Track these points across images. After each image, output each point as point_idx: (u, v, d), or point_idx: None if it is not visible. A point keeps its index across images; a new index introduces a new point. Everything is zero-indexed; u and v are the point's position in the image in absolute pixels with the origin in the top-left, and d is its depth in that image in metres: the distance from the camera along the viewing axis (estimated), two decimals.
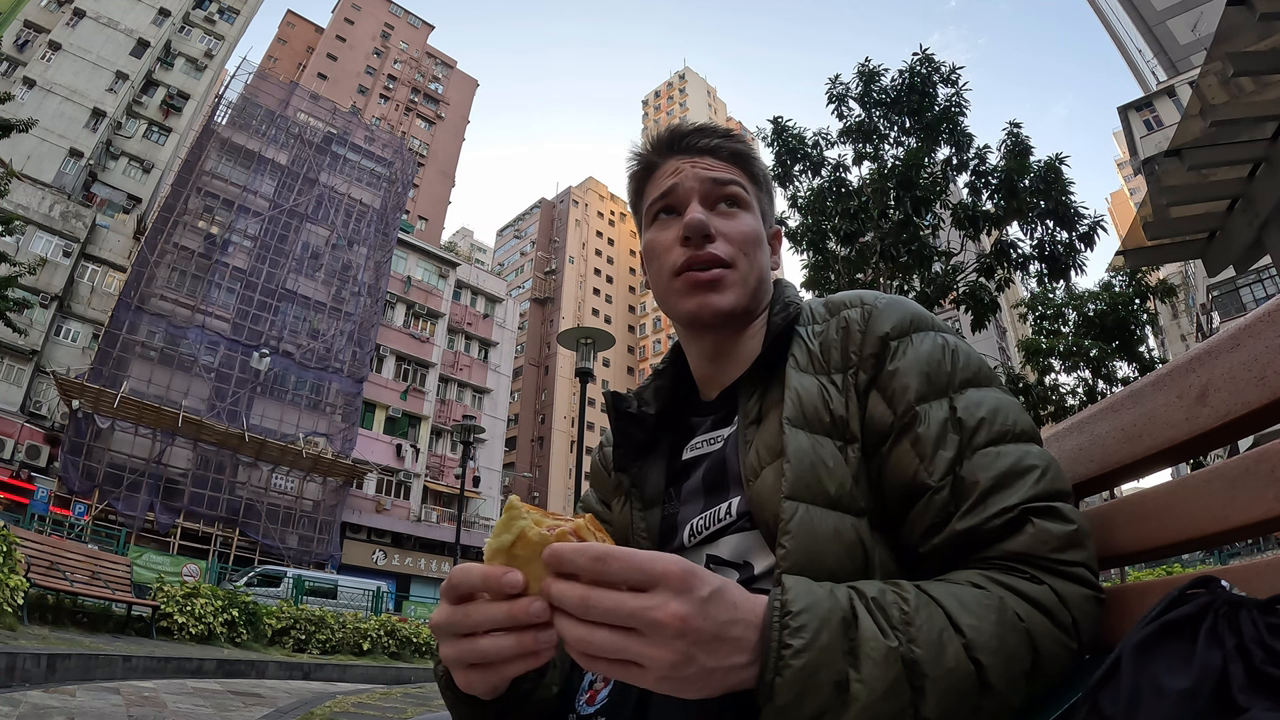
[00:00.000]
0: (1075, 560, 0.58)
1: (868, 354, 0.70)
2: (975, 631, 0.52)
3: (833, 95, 11.22)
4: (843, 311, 0.75)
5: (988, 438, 0.63)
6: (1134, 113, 30.18)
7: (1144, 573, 9.89)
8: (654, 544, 0.79)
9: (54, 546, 7.95)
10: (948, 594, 0.55)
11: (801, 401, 0.70)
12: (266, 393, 26.74)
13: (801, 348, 0.74)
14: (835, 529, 0.64)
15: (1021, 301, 16.64)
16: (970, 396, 0.66)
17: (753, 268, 0.80)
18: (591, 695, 0.63)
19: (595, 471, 0.95)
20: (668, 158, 0.84)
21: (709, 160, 0.82)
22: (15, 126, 13.31)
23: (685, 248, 0.78)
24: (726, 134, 0.84)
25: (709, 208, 0.80)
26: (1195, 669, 0.40)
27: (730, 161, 0.83)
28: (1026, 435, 0.65)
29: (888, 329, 0.70)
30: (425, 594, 26.51)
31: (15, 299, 13.75)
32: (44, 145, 27.16)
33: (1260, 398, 0.57)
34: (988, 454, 0.63)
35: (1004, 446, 0.63)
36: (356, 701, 5.98)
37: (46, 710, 3.65)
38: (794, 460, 0.66)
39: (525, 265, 67.09)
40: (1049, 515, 0.59)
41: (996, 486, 0.61)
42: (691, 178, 0.81)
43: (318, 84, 43.81)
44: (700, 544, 0.75)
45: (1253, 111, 3.78)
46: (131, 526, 21.17)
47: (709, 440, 0.80)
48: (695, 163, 0.82)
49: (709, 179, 0.81)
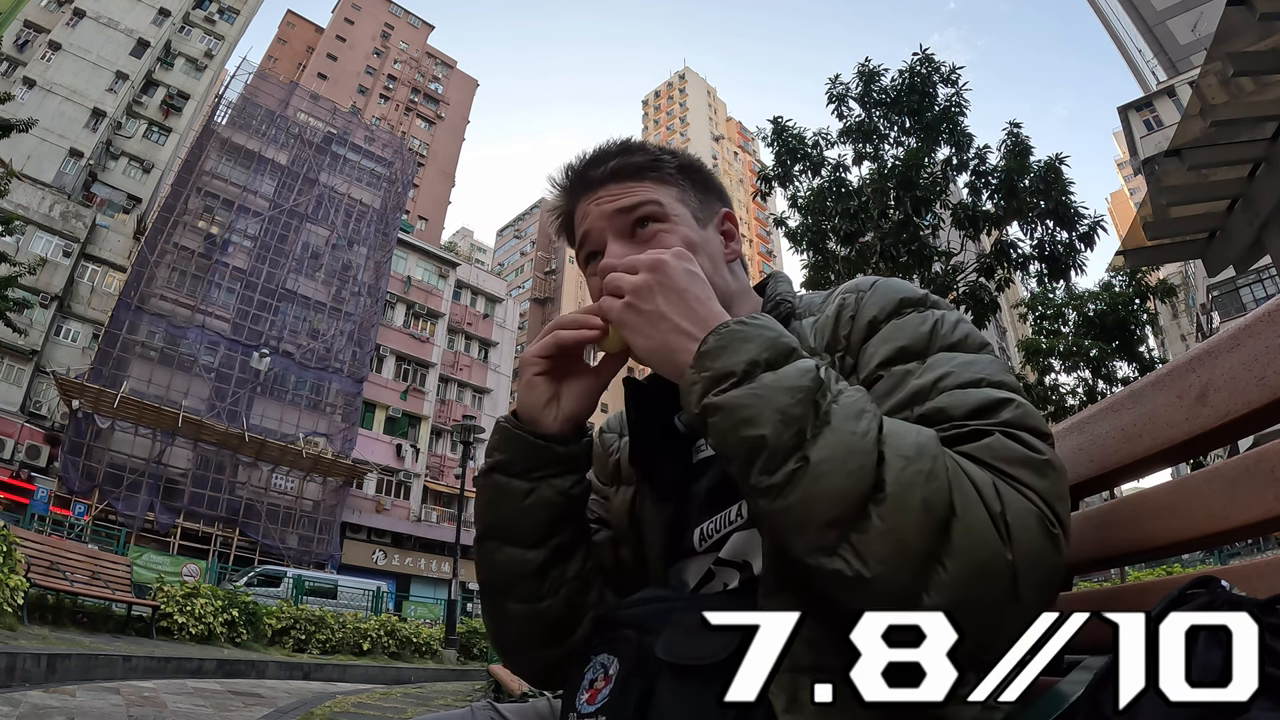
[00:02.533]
0: (1030, 483, 0.54)
1: (856, 339, 0.70)
2: (894, 436, 0.53)
3: (833, 95, 11.22)
4: (839, 298, 0.75)
5: (957, 383, 0.61)
6: (1134, 113, 30.18)
7: (1144, 573, 9.88)
8: (665, 538, 0.80)
9: (54, 546, 7.96)
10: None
11: None
12: (266, 393, 26.72)
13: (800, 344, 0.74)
14: None
15: (1021, 301, 16.64)
16: (942, 356, 0.64)
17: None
18: (592, 694, 0.63)
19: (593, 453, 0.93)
20: (577, 201, 0.82)
21: (613, 188, 0.79)
22: (15, 126, 13.29)
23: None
24: (621, 151, 0.81)
25: (627, 238, 0.78)
26: (1195, 668, 0.40)
27: (635, 178, 0.79)
28: (1003, 385, 0.61)
29: (875, 313, 0.70)
30: (425, 594, 26.51)
31: (15, 299, 13.74)
32: (44, 145, 27.13)
33: (1260, 398, 0.57)
34: (955, 394, 0.60)
35: (975, 390, 0.60)
36: (356, 702, 5.99)
37: (46, 710, 3.65)
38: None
39: (525, 265, 67.06)
40: (1016, 440, 0.56)
41: (967, 416, 0.58)
42: (597, 218, 0.79)
43: (318, 84, 43.78)
44: (709, 550, 0.76)
45: (1253, 111, 3.78)
46: (131, 526, 21.14)
47: None
48: (599, 199, 0.79)
49: (612, 211, 0.78)
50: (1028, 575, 0.51)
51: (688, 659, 0.56)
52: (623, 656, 0.61)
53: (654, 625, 0.61)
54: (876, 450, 0.52)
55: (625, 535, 0.85)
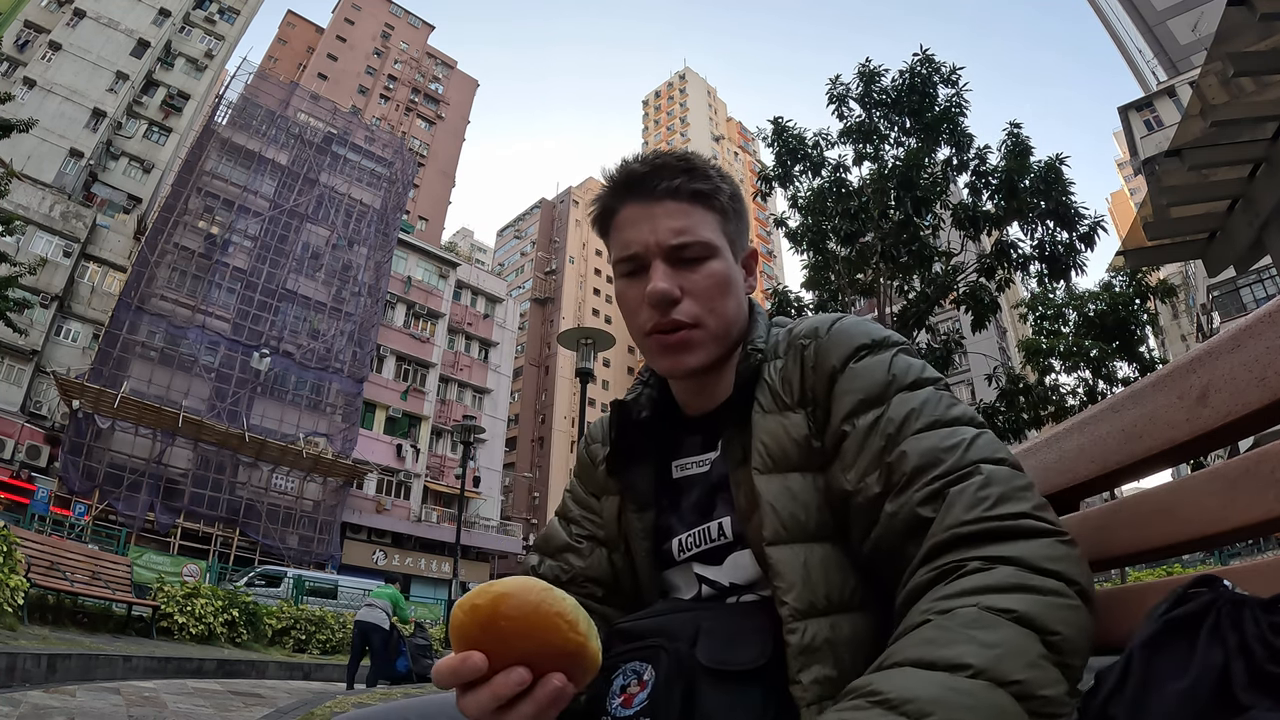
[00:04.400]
0: (1015, 513, 0.56)
1: (820, 393, 0.73)
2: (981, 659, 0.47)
3: (833, 96, 11.23)
4: (799, 344, 0.77)
5: (916, 428, 0.65)
6: (1134, 113, 30.15)
7: (1144, 573, 9.88)
8: (651, 544, 0.84)
9: (54, 547, 7.96)
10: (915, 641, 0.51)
11: (767, 447, 0.73)
12: (266, 393, 26.73)
13: (765, 390, 0.77)
14: (822, 558, 0.68)
15: (1022, 302, 16.64)
16: (899, 398, 0.68)
17: (720, 319, 0.79)
18: (627, 698, 0.66)
19: (582, 465, 0.96)
20: (625, 202, 0.81)
21: (669, 206, 0.78)
22: (15, 126, 13.29)
23: (653, 310, 0.77)
24: (685, 170, 0.80)
25: (673, 265, 0.78)
26: (1196, 667, 0.40)
27: (692, 202, 0.79)
28: (959, 420, 0.65)
29: (834, 363, 0.73)
30: (425, 594, 26.52)
31: (15, 299, 13.73)
32: (44, 145, 27.14)
33: (1261, 398, 0.57)
34: (914, 439, 0.64)
35: (932, 431, 0.64)
36: (356, 701, 5.98)
37: (46, 710, 3.65)
38: (768, 508, 0.70)
39: (525, 265, 67.06)
40: (971, 478, 0.59)
41: (922, 466, 0.62)
42: (652, 240, 0.78)
43: (318, 84, 43.79)
44: (690, 560, 0.80)
45: (1253, 111, 3.78)
46: (132, 526, 21.15)
47: (698, 463, 0.84)
48: (654, 214, 0.78)
49: (669, 246, 0.77)
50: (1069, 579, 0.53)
51: (729, 664, 0.64)
52: (658, 663, 0.66)
53: (681, 634, 0.68)
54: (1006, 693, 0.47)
55: (615, 542, 0.88)
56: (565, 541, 0.91)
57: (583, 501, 0.93)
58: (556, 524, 0.94)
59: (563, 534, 0.92)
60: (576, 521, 0.92)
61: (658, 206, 0.79)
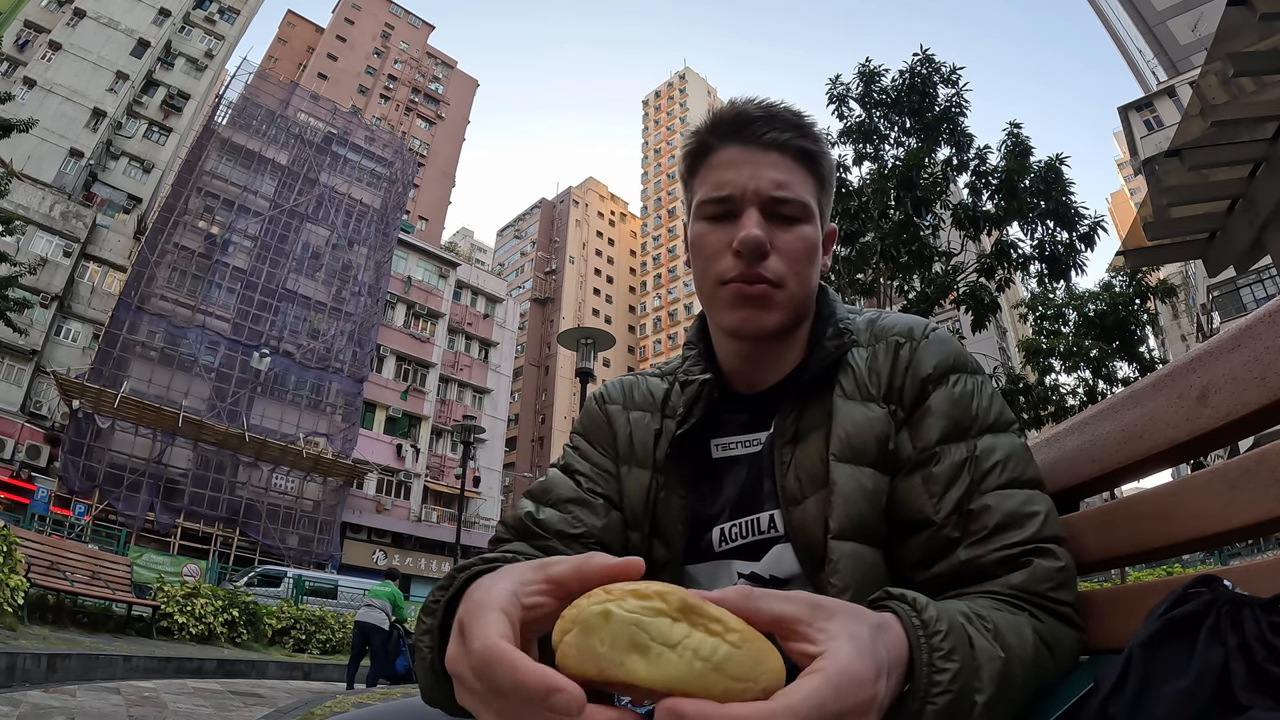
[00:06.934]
0: (1066, 600, 0.62)
1: (910, 396, 0.73)
2: (1019, 649, 0.55)
3: (833, 95, 11.21)
4: (893, 340, 0.76)
5: (998, 482, 0.67)
6: (1134, 113, 30.15)
7: (1144, 573, 9.88)
8: (688, 531, 0.77)
9: (54, 546, 7.96)
10: (991, 610, 0.57)
11: (850, 435, 0.71)
12: (266, 393, 26.73)
13: (849, 374, 0.75)
14: (873, 563, 0.68)
15: (1022, 302, 16.62)
16: (987, 441, 0.69)
17: (803, 285, 0.75)
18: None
19: (595, 424, 0.87)
20: (727, 143, 0.76)
21: (773, 157, 0.74)
22: (15, 126, 13.30)
23: (736, 259, 0.73)
24: (798, 126, 0.75)
25: (769, 216, 0.74)
26: (1196, 667, 0.40)
27: (797, 160, 0.75)
28: (1034, 483, 0.68)
29: (928, 371, 0.73)
30: (425, 594, 26.43)
31: (15, 299, 13.74)
32: (44, 145, 27.15)
33: (1261, 398, 0.57)
34: (998, 495, 0.66)
35: (1013, 490, 0.67)
36: (356, 701, 5.98)
37: (46, 710, 3.65)
38: (841, 498, 0.69)
39: (525, 265, 67.09)
40: (1046, 555, 0.63)
41: (1004, 525, 0.64)
42: (751, 186, 0.73)
43: (318, 84, 43.80)
44: (730, 554, 0.76)
45: (1253, 111, 3.78)
46: (132, 526, 21.16)
47: (745, 442, 0.79)
48: (757, 160, 0.74)
49: (770, 197, 0.73)
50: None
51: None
52: None
53: None
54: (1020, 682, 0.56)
55: (638, 521, 0.79)
56: (576, 494, 0.79)
57: (595, 460, 0.83)
58: (560, 475, 0.83)
59: (569, 484, 0.80)
60: (587, 476, 0.81)
61: (762, 155, 0.74)
